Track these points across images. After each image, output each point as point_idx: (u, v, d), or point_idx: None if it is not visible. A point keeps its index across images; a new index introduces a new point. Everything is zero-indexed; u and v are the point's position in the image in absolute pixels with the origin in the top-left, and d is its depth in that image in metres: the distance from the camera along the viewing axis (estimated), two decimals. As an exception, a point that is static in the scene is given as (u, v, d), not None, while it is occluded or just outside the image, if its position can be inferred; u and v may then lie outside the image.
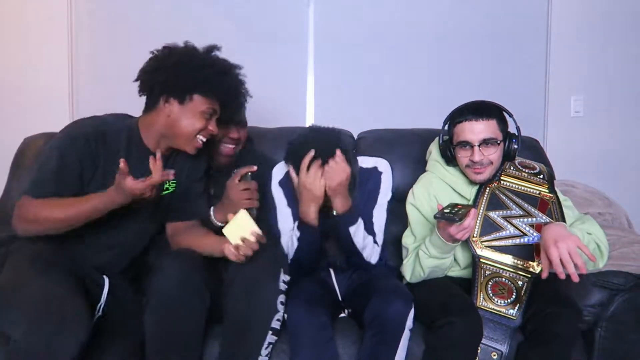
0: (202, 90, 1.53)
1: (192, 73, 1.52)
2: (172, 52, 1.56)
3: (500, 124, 1.70)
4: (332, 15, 2.72)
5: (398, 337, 1.53)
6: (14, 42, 2.60)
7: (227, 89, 1.58)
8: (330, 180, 1.59)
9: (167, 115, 1.54)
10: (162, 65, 1.53)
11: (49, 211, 1.43)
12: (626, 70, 2.89)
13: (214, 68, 1.55)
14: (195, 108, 1.54)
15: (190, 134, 1.56)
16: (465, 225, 1.50)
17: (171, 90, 1.52)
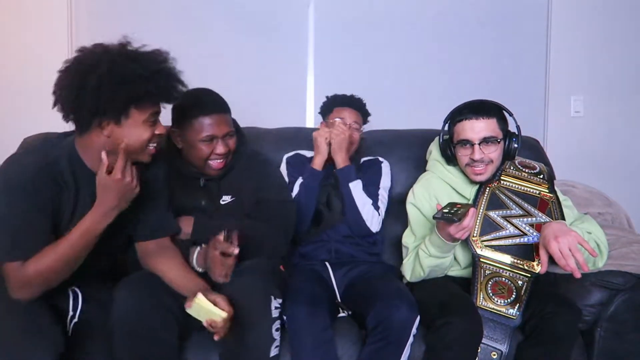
0: (136, 103, 1.34)
1: (118, 91, 1.31)
2: (86, 70, 1.30)
3: (500, 122, 1.70)
4: (332, 15, 2.72)
5: (403, 343, 1.54)
6: (13, 41, 2.60)
7: (162, 88, 1.39)
8: (332, 139, 1.91)
9: (106, 135, 1.35)
10: (81, 89, 1.30)
11: (36, 264, 1.31)
12: (626, 70, 2.89)
13: (140, 74, 1.33)
14: (135, 122, 1.36)
15: (139, 148, 1.39)
16: (465, 224, 1.50)
17: (102, 115, 1.32)
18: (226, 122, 1.63)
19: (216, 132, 1.60)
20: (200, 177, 1.70)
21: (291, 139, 2.18)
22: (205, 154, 1.61)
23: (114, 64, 1.31)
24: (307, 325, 1.53)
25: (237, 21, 2.68)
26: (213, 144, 1.61)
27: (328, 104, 2.05)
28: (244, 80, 2.64)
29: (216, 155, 1.63)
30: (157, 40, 2.79)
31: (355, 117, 2.00)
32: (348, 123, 1.97)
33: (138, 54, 1.38)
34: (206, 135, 1.59)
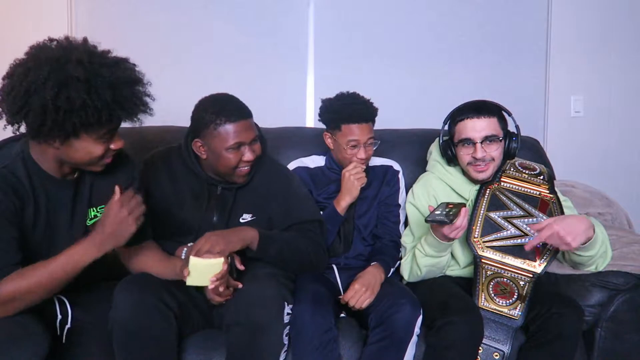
0: (84, 128, 1.22)
1: (65, 120, 1.18)
2: (31, 87, 1.17)
3: (500, 122, 1.72)
4: (332, 15, 2.72)
5: (406, 343, 1.54)
6: (13, 41, 2.59)
7: (120, 116, 1.26)
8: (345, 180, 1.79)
9: (55, 148, 1.25)
10: (24, 108, 1.17)
11: (10, 286, 1.23)
12: (626, 70, 2.90)
13: (92, 104, 1.18)
14: (86, 141, 1.25)
15: (89, 162, 1.30)
16: (457, 224, 1.50)
17: (46, 136, 1.21)
18: (251, 127, 1.58)
19: (243, 139, 1.54)
20: (217, 185, 1.64)
21: (291, 139, 2.18)
22: (234, 162, 1.56)
23: (62, 87, 1.16)
24: (312, 325, 1.52)
25: (237, 21, 2.67)
26: (241, 151, 1.55)
27: (334, 119, 1.80)
28: (244, 80, 2.64)
29: (244, 162, 1.57)
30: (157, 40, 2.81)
31: (369, 131, 1.79)
32: (363, 142, 1.77)
33: (94, 72, 1.20)
34: (234, 142, 1.53)
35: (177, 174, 1.66)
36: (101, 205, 1.44)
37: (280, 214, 1.67)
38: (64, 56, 1.19)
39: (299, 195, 1.73)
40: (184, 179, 1.66)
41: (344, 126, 1.77)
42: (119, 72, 1.24)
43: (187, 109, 1.63)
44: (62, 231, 1.39)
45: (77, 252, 1.28)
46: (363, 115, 1.77)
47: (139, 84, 1.29)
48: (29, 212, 1.31)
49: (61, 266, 1.27)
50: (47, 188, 1.34)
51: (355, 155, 1.78)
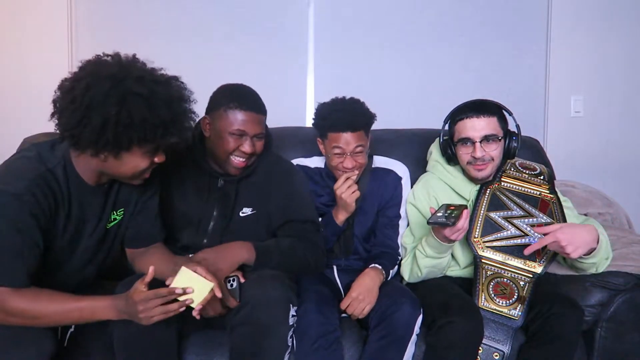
0: (139, 142, 1.26)
1: (123, 135, 1.23)
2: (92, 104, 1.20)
3: (500, 121, 1.71)
4: (332, 15, 2.72)
5: (406, 342, 1.54)
6: (14, 42, 2.60)
7: (172, 134, 1.30)
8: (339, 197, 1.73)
9: (102, 160, 1.29)
10: (83, 122, 1.21)
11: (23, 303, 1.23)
12: (626, 71, 2.90)
13: (150, 122, 1.23)
14: (135, 154, 1.29)
15: (132, 175, 1.34)
16: (459, 226, 1.50)
17: (100, 148, 1.25)
18: (260, 122, 1.58)
19: (248, 129, 1.55)
20: (219, 177, 1.64)
21: (291, 139, 2.18)
22: (231, 147, 1.55)
23: (123, 105, 1.21)
24: (316, 325, 1.52)
25: (238, 21, 2.68)
26: (241, 140, 1.56)
27: (322, 125, 1.74)
28: (244, 80, 2.59)
29: (241, 152, 1.57)
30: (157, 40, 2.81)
31: (358, 139, 1.69)
32: (349, 151, 1.69)
33: (152, 90, 1.24)
34: (237, 129, 1.54)
35: (180, 164, 1.66)
36: (121, 209, 1.47)
37: (279, 209, 1.67)
38: (123, 72, 1.23)
39: (300, 192, 1.72)
40: (187, 170, 1.66)
41: (329, 134, 1.71)
42: (172, 90, 1.29)
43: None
44: (86, 237, 1.41)
45: (100, 306, 1.29)
46: (349, 124, 1.68)
47: (188, 102, 1.34)
48: (60, 217, 1.33)
49: (80, 311, 1.28)
50: (81, 195, 1.36)
51: (341, 163, 1.71)
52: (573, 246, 1.47)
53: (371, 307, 1.59)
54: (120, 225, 1.50)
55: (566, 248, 1.47)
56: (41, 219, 1.27)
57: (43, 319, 1.25)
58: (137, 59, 1.31)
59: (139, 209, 1.51)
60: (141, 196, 1.50)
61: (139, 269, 1.52)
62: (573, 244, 1.47)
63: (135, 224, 1.52)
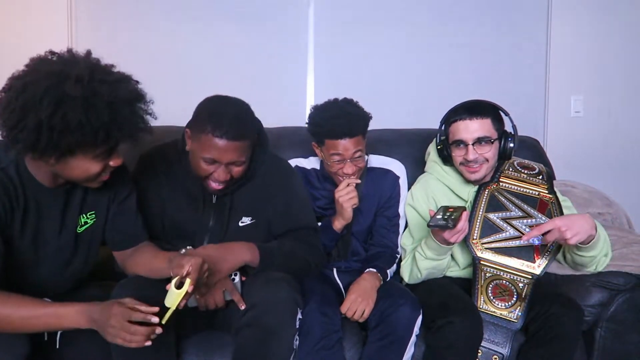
0: (80, 147, 1.18)
1: (59, 140, 1.13)
2: (28, 104, 1.12)
3: (495, 122, 1.70)
4: (332, 15, 2.72)
5: (405, 342, 1.54)
6: (14, 42, 2.60)
7: (117, 137, 1.20)
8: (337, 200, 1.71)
9: (50, 165, 1.21)
10: (19, 124, 1.13)
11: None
12: (626, 70, 2.89)
13: (88, 124, 1.14)
14: (82, 159, 1.21)
15: (85, 179, 1.26)
16: (459, 228, 1.50)
17: (41, 154, 1.17)
18: (235, 150, 1.45)
19: (219, 158, 1.45)
20: (213, 193, 1.57)
21: (291, 139, 2.18)
22: (203, 172, 1.48)
23: (58, 106, 1.11)
24: (320, 326, 1.51)
25: (237, 21, 2.68)
26: (215, 166, 1.47)
27: (317, 133, 1.71)
28: (244, 80, 2.64)
29: (214, 178, 1.49)
30: (157, 40, 2.80)
31: (355, 144, 1.66)
32: (348, 156, 1.67)
33: (92, 90, 1.14)
34: (209, 156, 1.45)
35: (173, 173, 1.62)
36: (91, 212, 1.42)
37: (279, 216, 1.64)
38: (63, 72, 1.15)
39: (298, 198, 1.69)
40: (181, 179, 1.60)
41: (327, 141, 1.67)
42: (120, 90, 1.19)
43: (187, 109, 1.61)
44: (50, 239, 1.36)
45: (68, 313, 1.21)
46: (346, 131, 1.64)
47: (140, 102, 1.25)
48: (17, 218, 1.28)
49: (45, 318, 1.21)
50: (38, 197, 1.31)
51: (341, 169, 1.69)
52: (572, 231, 1.46)
53: (370, 310, 1.59)
54: (95, 229, 1.44)
55: (565, 233, 1.45)
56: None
57: (7, 325, 1.19)
58: (89, 56, 1.23)
59: (115, 211, 1.45)
60: (115, 197, 1.45)
61: (131, 270, 1.49)
62: (572, 229, 1.46)
63: (115, 226, 1.46)
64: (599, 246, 1.57)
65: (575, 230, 1.47)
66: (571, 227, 1.47)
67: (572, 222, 1.48)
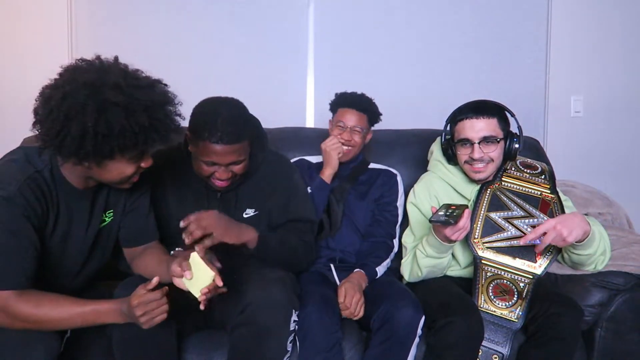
0: (120, 151, 1.24)
1: (103, 144, 1.20)
2: (71, 112, 1.18)
3: (501, 122, 1.70)
4: (332, 15, 2.72)
5: (409, 344, 1.54)
6: (14, 42, 2.60)
7: (154, 140, 1.27)
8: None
9: (86, 168, 1.28)
10: (62, 131, 1.18)
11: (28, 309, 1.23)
12: (626, 70, 2.89)
13: (130, 129, 1.21)
14: (119, 162, 1.28)
15: (120, 181, 1.34)
16: (460, 225, 1.50)
17: (82, 158, 1.23)
18: (233, 152, 1.51)
19: (218, 161, 1.51)
20: (218, 191, 1.64)
21: (291, 139, 2.18)
22: (205, 173, 1.55)
23: (101, 113, 1.17)
24: (319, 327, 1.52)
25: (237, 21, 2.67)
26: (215, 167, 1.54)
27: (334, 102, 2.01)
28: (244, 80, 2.64)
29: (216, 178, 1.56)
30: (157, 40, 2.80)
31: (357, 120, 1.93)
32: (348, 126, 1.92)
33: (130, 96, 1.21)
34: (208, 159, 1.52)
35: (179, 174, 1.66)
36: (110, 210, 1.47)
37: (279, 208, 1.69)
38: (100, 79, 1.20)
39: (298, 191, 1.74)
40: (186, 179, 1.66)
41: (338, 109, 1.97)
42: (154, 94, 1.26)
43: (187, 109, 1.61)
44: (77, 239, 1.41)
45: (104, 309, 1.29)
46: (352, 102, 1.95)
47: (171, 104, 1.31)
48: (50, 219, 1.34)
49: (83, 316, 1.28)
50: (68, 199, 1.36)
51: (340, 135, 1.92)
52: (568, 229, 1.46)
53: (362, 304, 1.62)
54: (112, 227, 1.50)
55: (562, 231, 1.46)
56: (34, 220, 1.27)
57: (47, 323, 1.25)
58: (118, 63, 1.29)
59: (129, 208, 1.51)
60: (130, 196, 1.50)
61: (137, 269, 1.52)
62: (567, 226, 1.47)
63: (127, 223, 1.52)
64: (594, 244, 1.57)
65: (571, 227, 1.47)
66: (566, 225, 1.47)
67: (565, 220, 1.49)
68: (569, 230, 1.47)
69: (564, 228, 1.46)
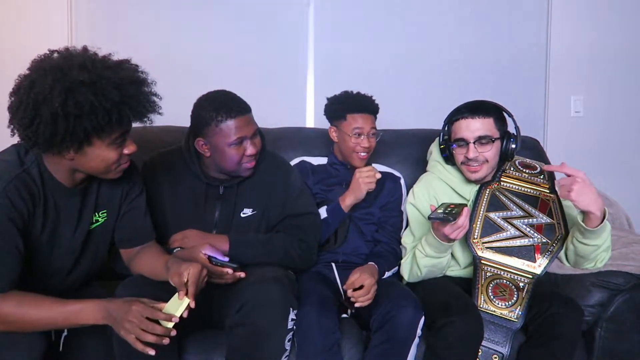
0: (96, 132, 1.21)
1: (76, 126, 1.17)
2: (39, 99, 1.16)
3: (497, 123, 1.70)
4: (332, 15, 2.72)
5: (408, 344, 1.54)
6: (14, 42, 2.60)
7: (129, 115, 1.25)
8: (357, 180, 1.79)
9: (69, 159, 1.26)
10: (34, 121, 1.17)
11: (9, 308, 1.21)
12: (626, 70, 2.90)
13: (100, 105, 1.18)
14: (99, 147, 1.25)
15: (105, 169, 1.31)
16: (459, 224, 1.50)
17: (59, 146, 1.21)
18: (250, 121, 1.59)
19: (245, 133, 1.56)
20: (219, 185, 1.66)
21: (291, 139, 2.18)
22: (237, 157, 1.57)
23: (69, 94, 1.15)
24: (318, 327, 1.52)
25: (237, 21, 2.68)
26: (243, 145, 1.57)
27: (340, 109, 1.87)
28: (243, 80, 2.64)
29: (247, 157, 1.59)
30: (157, 40, 2.80)
31: (372, 123, 1.85)
32: (366, 132, 1.82)
33: (98, 75, 1.19)
34: (236, 138, 1.54)
35: (176, 177, 1.67)
36: (103, 210, 1.46)
37: (276, 206, 1.69)
38: (67, 63, 1.19)
39: (295, 188, 1.74)
40: (184, 182, 1.66)
41: (349, 115, 1.83)
42: (123, 72, 1.24)
43: (187, 109, 1.63)
44: (65, 238, 1.40)
45: (86, 310, 1.25)
46: (367, 107, 1.85)
47: (144, 84, 1.29)
48: (38, 218, 1.32)
49: (64, 316, 1.24)
50: (56, 196, 1.34)
51: (359, 144, 1.82)
52: (583, 191, 1.44)
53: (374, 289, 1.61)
54: (106, 227, 1.48)
55: (576, 187, 1.44)
56: (18, 222, 1.24)
57: (28, 323, 1.22)
58: (86, 50, 1.28)
59: (125, 210, 1.50)
60: (126, 198, 1.49)
61: (135, 269, 1.52)
62: (585, 190, 1.45)
63: (124, 224, 1.50)
64: (604, 235, 1.56)
65: (586, 193, 1.45)
66: (586, 188, 1.45)
67: (588, 187, 1.47)
68: (580, 192, 1.45)
69: (582, 186, 1.45)
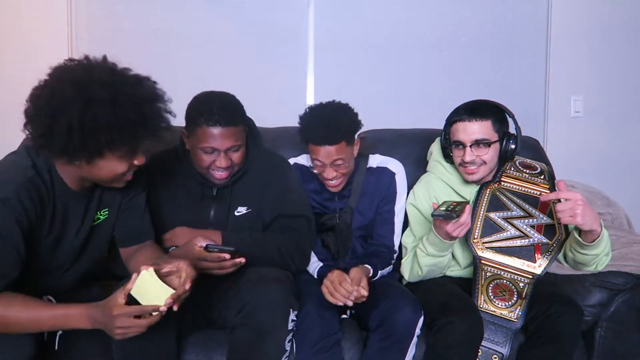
0: (109, 147, 1.24)
1: (90, 140, 1.20)
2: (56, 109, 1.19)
3: (496, 124, 1.69)
4: (332, 15, 2.72)
5: (407, 344, 1.54)
6: (14, 41, 2.60)
7: (142, 136, 1.26)
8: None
9: (78, 167, 1.28)
10: (50, 129, 1.19)
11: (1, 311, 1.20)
12: (626, 70, 2.90)
13: (116, 124, 1.20)
14: (110, 160, 1.27)
15: (112, 179, 1.33)
16: (462, 221, 1.50)
17: (71, 156, 1.23)
18: (231, 136, 1.53)
19: (218, 146, 1.53)
20: (213, 186, 1.64)
21: (291, 138, 2.17)
22: (206, 163, 1.56)
23: (87, 108, 1.18)
24: (318, 328, 1.52)
25: (238, 21, 2.68)
26: (214, 155, 1.55)
27: (302, 136, 1.72)
28: (244, 80, 2.64)
29: (217, 167, 1.57)
30: (157, 40, 2.80)
31: (336, 153, 1.65)
32: (328, 164, 1.67)
33: (117, 91, 1.21)
34: (207, 146, 1.53)
35: (172, 177, 1.67)
36: (105, 209, 1.46)
37: (271, 204, 1.68)
38: (87, 76, 1.21)
39: (291, 188, 1.73)
40: (180, 182, 1.66)
41: (309, 145, 1.70)
42: (141, 90, 1.27)
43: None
44: (69, 238, 1.41)
45: (73, 314, 1.24)
46: (325, 139, 1.65)
47: (160, 101, 1.31)
48: (46, 220, 1.33)
49: (53, 319, 1.24)
50: (65, 200, 1.36)
51: (322, 174, 1.71)
52: (584, 212, 1.44)
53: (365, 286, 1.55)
54: (106, 225, 1.48)
55: (576, 209, 1.43)
56: (25, 225, 1.25)
57: (16, 325, 1.22)
58: (106, 61, 1.29)
59: (124, 207, 1.50)
60: (126, 195, 1.49)
61: (132, 269, 1.48)
62: (586, 211, 1.44)
63: (122, 223, 1.51)
64: (602, 245, 1.56)
65: (589, 214, 1.45)
66: (587, 209, 1.45)
67: (588, 208, 1.46)
68: (584, 214, 1.44)
69: (584, 208, 1.44)
